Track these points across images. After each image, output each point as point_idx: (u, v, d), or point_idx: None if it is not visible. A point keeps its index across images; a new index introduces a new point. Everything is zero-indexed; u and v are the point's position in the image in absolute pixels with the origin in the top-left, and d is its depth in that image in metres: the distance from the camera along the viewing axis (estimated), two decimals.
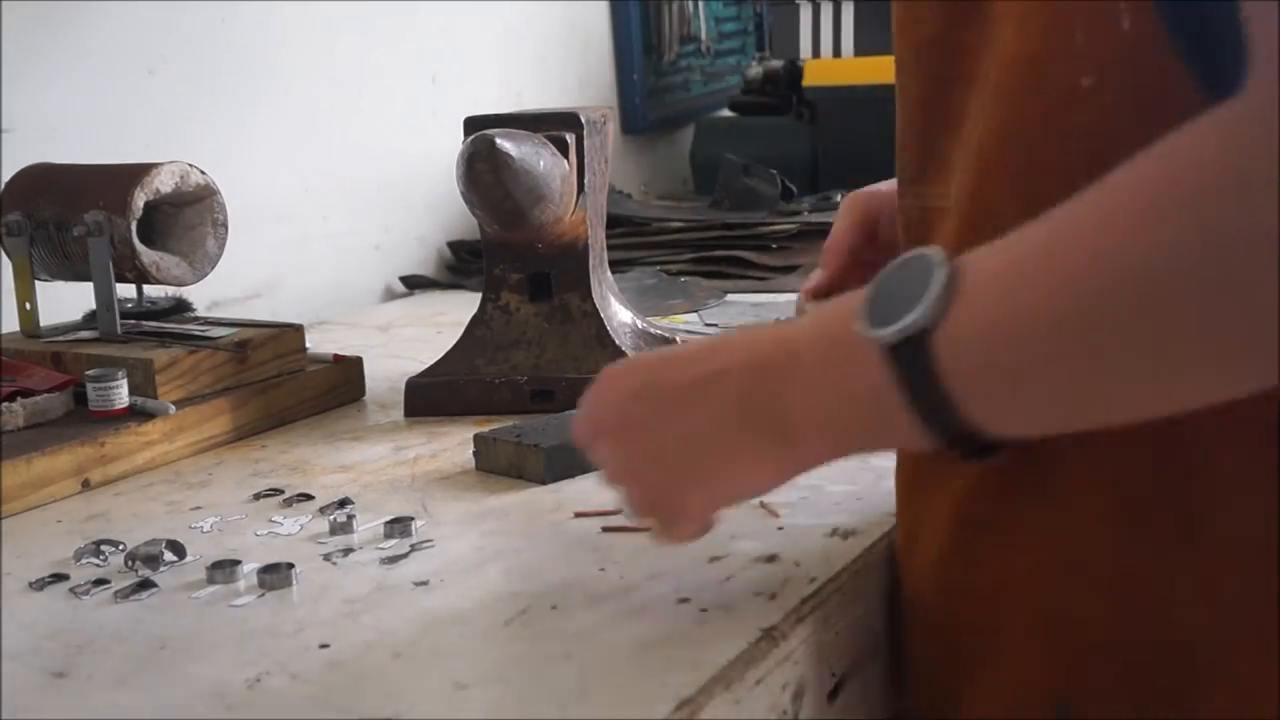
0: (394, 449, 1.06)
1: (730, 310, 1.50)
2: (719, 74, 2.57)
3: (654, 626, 0.71)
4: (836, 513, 0.86)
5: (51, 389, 1.05)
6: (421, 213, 1.87)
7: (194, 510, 0.94)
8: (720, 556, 0.80)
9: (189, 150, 1.24)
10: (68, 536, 0.89)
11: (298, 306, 1.58)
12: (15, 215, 1.17)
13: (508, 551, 0.84)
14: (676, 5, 2.43)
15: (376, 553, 0.84)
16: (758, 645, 0.68)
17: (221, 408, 1.10)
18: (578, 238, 1.18)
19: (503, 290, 1.19)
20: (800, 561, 0.79)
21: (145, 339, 1.14)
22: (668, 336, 1.29)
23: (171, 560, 0.83)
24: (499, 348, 1.18)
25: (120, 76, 1.47)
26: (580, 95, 2.21)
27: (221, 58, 1.58)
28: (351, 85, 1.76)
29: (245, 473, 1.02)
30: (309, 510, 0.92)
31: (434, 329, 1.49)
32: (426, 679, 0.67)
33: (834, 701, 0.76)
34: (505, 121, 1.13)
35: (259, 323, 1.20)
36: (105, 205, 1.13)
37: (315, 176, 1.71)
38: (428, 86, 1.89)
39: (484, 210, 1.11)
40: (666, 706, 0.62)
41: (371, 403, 1.21)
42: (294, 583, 0.79)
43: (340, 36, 1.74)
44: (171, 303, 1.23)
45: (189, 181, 1.16)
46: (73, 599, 0.79)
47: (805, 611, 0.73)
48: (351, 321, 1.61)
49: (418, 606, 0.75)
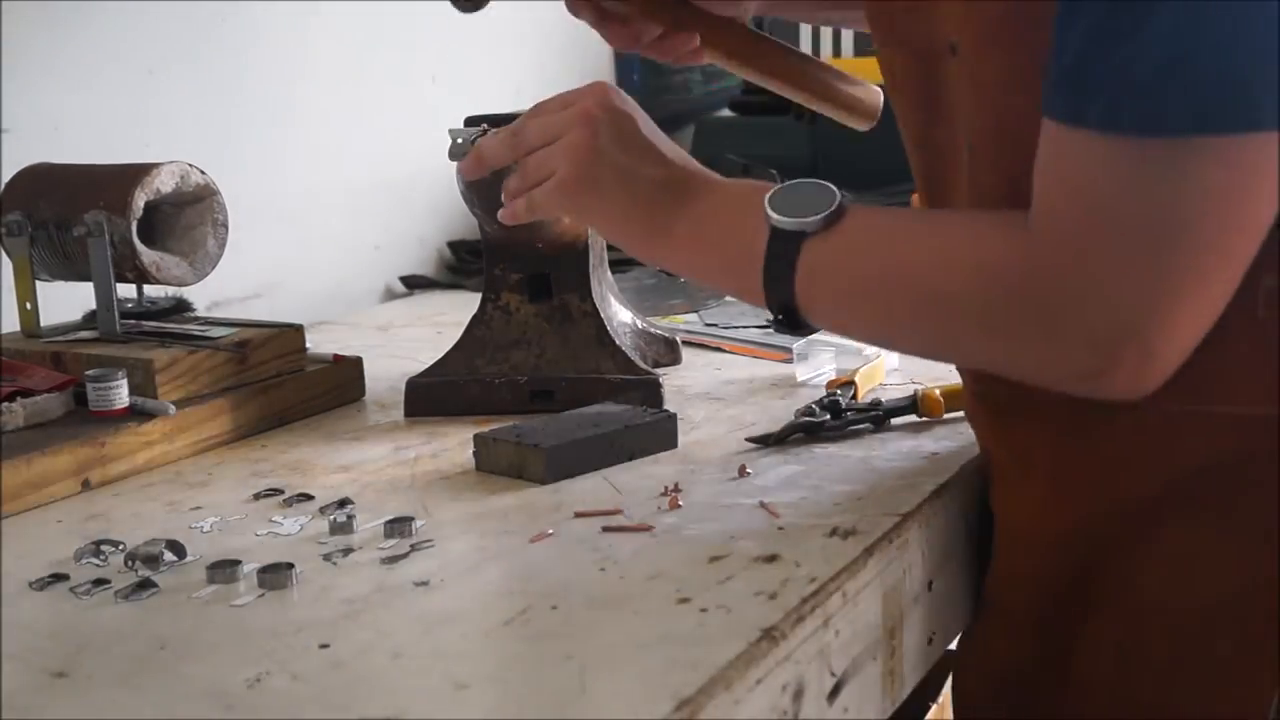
0: (394, 449, 1.06)
1: (730, 310, 1.50)
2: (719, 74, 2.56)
3: (654, 626, 0.71)
4: (836, 513, 0.86)
5: (51, 389, 1.05)
6: (421, 213, 1.87)
7: (194, 510, 0.94)
8: (720, 556, 0.80)
9: (189, 150, 1.24)
10: (68, 536, 0.89)
11: (298, 306, 1.58)
12: (15, 215, 1.17)
13: (508, 551, 0.84)
14: None
15: (376, 553, 0.84)
16: (758, 645, 0.68)
17: (221, 408, 1.10)
18: (578, 238, 1.18)
19: (503, 290, 1.19)
20: (800, 561, 0.79)
21: (145, 339, 1.14)
22: (668, 337, 1.29)
23: (171, 560, 0.83)
24: (499, 348, 1.18)
25: (120, 76, 1.47)
26: None
27: (221, 58, 1.58)
28: (352, 85, 1.76)
29: (245, 473, 1.02)
30: (309, 510, 0.92)
31: (434, 329, 1.49)
32: (426, 679, 0.67)
33: (834, 701, 0.76)
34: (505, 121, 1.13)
35: (259, 323, 1.20)
36: (105, 205, 1.13)
37: (315, 176, 1.71)
38: (428, 86, 1.89)
39: (484, 210, 1.11)
40: (666, 706, 0.62)
41: (371, 403, 1.21)
42: (294, 583, 0.79)
43: (340, 36, 1.74)
44: (171, 303, 1.23)
45: (189, 181, 1.16)
46: (73, 599, 0.79)
47: (805, 611, 0.73)
48: (351, 321, 1.61)
49: (418, 606, 0.75)
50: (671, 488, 0.92)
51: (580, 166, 0.90)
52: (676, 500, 0.89)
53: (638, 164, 0.89)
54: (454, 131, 1.11)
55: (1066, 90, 0.72)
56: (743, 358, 1.32)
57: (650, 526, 0.85)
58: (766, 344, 1.34)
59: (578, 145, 0.90)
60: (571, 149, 0.90)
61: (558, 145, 0.91)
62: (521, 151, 0.94)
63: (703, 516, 0.87)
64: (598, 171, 0.89)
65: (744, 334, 1.39)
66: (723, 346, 1.36)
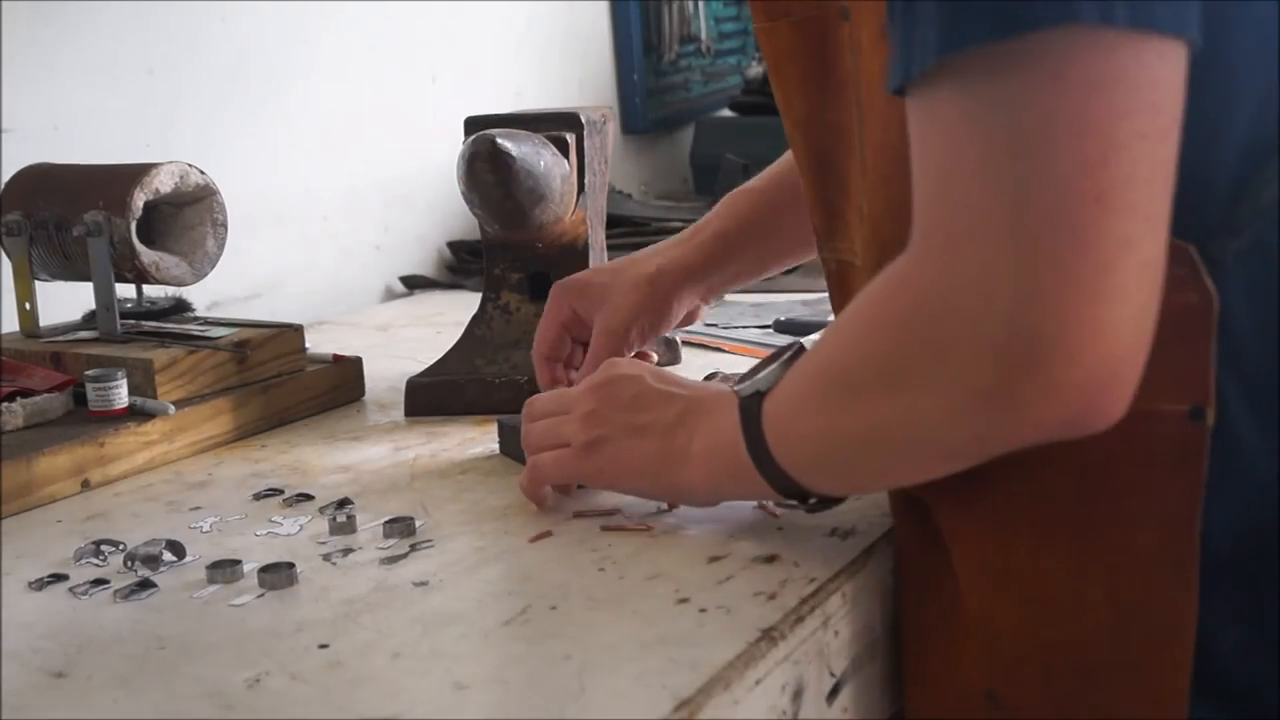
0: (394, 449, 1.06)
1: (730, 310, 1.50)
2: (719, 74, 2.57)
3: (654, 626, 0.71)
4: (836, 513, 0.86)
5: (51, 389, 1.05)
6: (421, 213, 1.87)
7: (194, 510, 0.94)
8: (720, 556, 0.80)
9: (189, 150, 1.24)
10: (67, 536, 0.89)
11: (298, 306, 1.58)
12: (15, 215, 1.17)
13: (507, 551, 0.84)
14: (676, 5, 2.43)
15: (376, 553, 0.84)
16: (757, 645, 0.68)
17: (221, 408, 1.10)
18: (578, 238, 1.18)
19: (503, 290, 1.19)
20: (800, 561, 0.79)
21: (145, 339, 1.14)
22: (667, 336, 1.29)
23: (171, 560, 0.83)
24: (499, 348, 1.18)
25: (120, 76, 1.47)
26: (580, 95, 2.21)
27: (221, 58, 1.58)
28: (352, 85, 1.76)
29: (245, 473, 1.02)
30: (309, 510, 0.92)
31: (434, 329, 1.49)
32: (426, 679, 0.67)
33: (833, 702, 0.76)
34: (505, 121, 1.13)
35: (259, 323, 1.20)
36: (105, 205, 1.13)
37: (315, 177, 1.71)
38: (428, 86, 1.89)
39: (484, 210, 1.11)
40: (666, 706, 0.62)
41: (371, 403, 1.21)
42: (294, 583, 0.79)
43: (340, 36, 1.74)
44: (171, 303, 1.23)
45: (189, 181, 1.16)
46: (72, 599, 0.79)
47: (805, 611, 0.73)
48: (351, 321, 1.61)
49: (417, 607, 0.75)
50: None
51: (591, 423, 0.86)
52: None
53: (641, 408, 0.85)
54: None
55: (891, 61, 0.66)
56: (743, 358, 1.32)
57: (649, 526, 0.85)
58: (766, 344, 1.34)
59: (582, 405, 0.87)
60: (580, 411, 0.87)
61: (565, 410, 0.88)
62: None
63: (702, 517, 0.87)
64: (606, 417, 0.86)
65: (744, 334, 1.39)
66: (723, 346, 1.36)
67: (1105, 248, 0.60)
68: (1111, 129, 0.60)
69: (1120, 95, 0.60)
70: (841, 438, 0.73)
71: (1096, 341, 0.61)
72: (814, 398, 0.74)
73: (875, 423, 0.70)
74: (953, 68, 0.63)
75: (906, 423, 0.68)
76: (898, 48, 0.65)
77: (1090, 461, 0.70)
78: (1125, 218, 0.60)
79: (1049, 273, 0.60)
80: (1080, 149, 0.60)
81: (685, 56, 2.48)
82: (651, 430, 0.83)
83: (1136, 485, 0.70)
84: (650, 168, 2.39)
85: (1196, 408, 0.68)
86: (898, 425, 0.69)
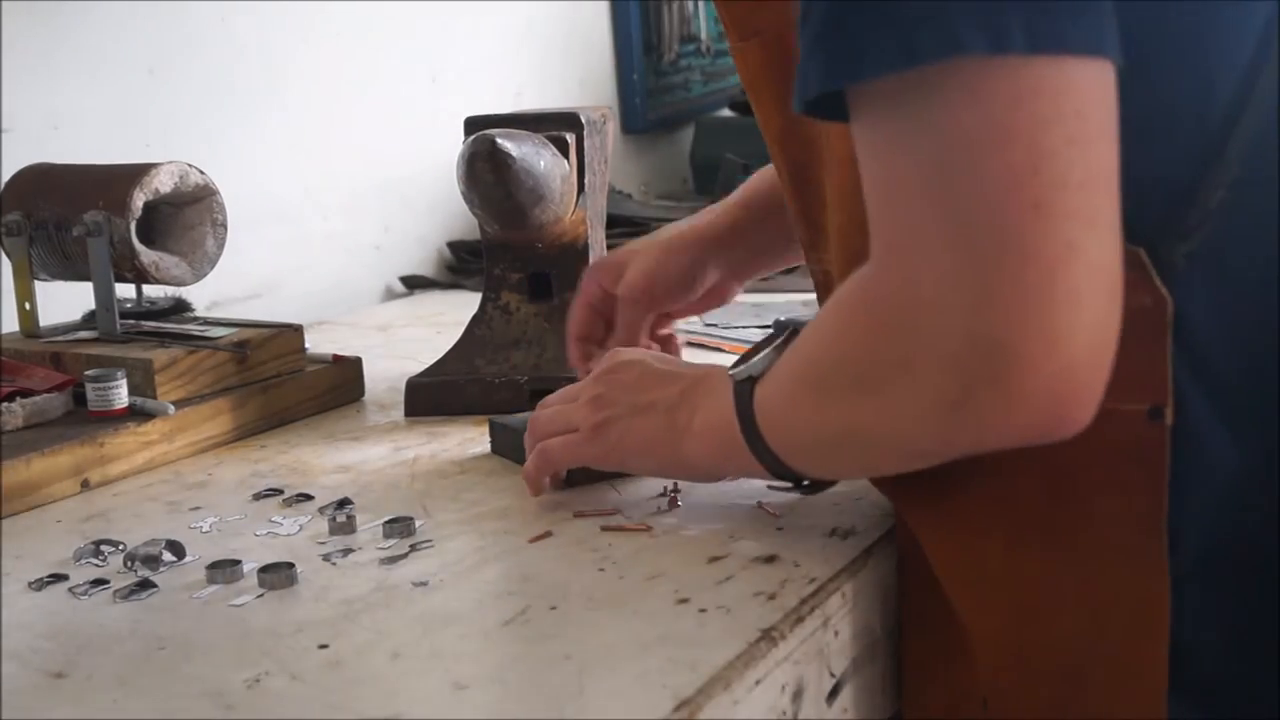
0: (394, 449, 1.06)
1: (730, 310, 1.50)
2: (719, 74, 2.57)
3: (653, 626, 0.71)
4: (836, 513, 0.86)
5: (51, 389, 1.05)
6: (421, 213, 1.87)
7: (194, 510, 0.94)
8: (720, 556, 0.80)
9: (189, 150, 1.24)
10: (67, 537, 0.89)
11: (298, 306, 1.58)
12: (15, 215, 1.17)
13: (507, 552, 0.84)
14: (676, 5, 2.43)
15: (376, 553, 0.84)
16: (757, 645, 0.68)
17: (221, 408, 1.10)
18: (578, 238, 1.18)
19: (503, 290, 1.19)
20: (800, 562, 0.79)
21: (145, 339, 1.14)
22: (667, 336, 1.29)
23: (171, 560, 0.83)
24: (499, 348, 1.18)
25: (120, 76, 1.47)
26: (580, 95, 2.21)
27: (221, 58, 1.58)
28: (351, 85, 1.76)
29: (245, 473, 1.02)
30: (309, 510, 0.92)
31: (434, 329, 1.49)
32: (426, 679, 0.67)
33: (833, 702, 0.76)
34: (505, 121, 1.13)
35: (259, 323, 1.20)
36: (105, 205, 1.13)
37: (315, 176, 1.71)
38: (428, 86, 1.89)
39: (484, 210, 1.11)
40: (666, 706, 0.62)
41: (371, 403, 1.21)
42: (294, 583, 0.79)
43: (340, 36, 1.74)
44: (171, 303, 1.23)
45: (188, 181, 1.16)
46: (72, 599, 0.79)
47: (804, 612, 0.73)
48: (351, 321, 1.61)
49: (417, 607, 0.75)
50: (671, 488, 0.91)
51: (597, 404, 0.88)
52: (676, 500, 0.89)
53: (647, 388, 0.87)
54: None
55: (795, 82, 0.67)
56: None
57: (649, 527, 0.85)
58: None
59: (590, 388, 0.89)
60: (588, 394, 0.89)
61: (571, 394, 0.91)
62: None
63: (702, 517, 0.87)
64: (612, 399, 0.88)
65: (744, 334, 1.39)
66: (722, 346, 1.36)
67: (1048, 254, 0.61)
68: (1038, 137, 0.61)
69: (1042, 105, 0.61)
70: (822, 432, 0.75)
71: (1054, 348, 0.62)
72: (797, 393, 0.76)
73: (851, 423, 0.72)
74: (866, 93, 0.64)
75: (879, 425, 0.70)
76: (798, 71, 0.67)
77: (1056, 463, 0.70)
78: (1066, 223, 0.61)
79: (997, 283, 0.62)
80: (1009, 159, 0.61)
81: (685, 56, 2.48)
82: (655, 408, 0.85)
83: (1102, 485, 0.71)
84: (650, 168, 2.39)
85: (1155, 407, 0.69)
86: (872, 426, 0.71)
